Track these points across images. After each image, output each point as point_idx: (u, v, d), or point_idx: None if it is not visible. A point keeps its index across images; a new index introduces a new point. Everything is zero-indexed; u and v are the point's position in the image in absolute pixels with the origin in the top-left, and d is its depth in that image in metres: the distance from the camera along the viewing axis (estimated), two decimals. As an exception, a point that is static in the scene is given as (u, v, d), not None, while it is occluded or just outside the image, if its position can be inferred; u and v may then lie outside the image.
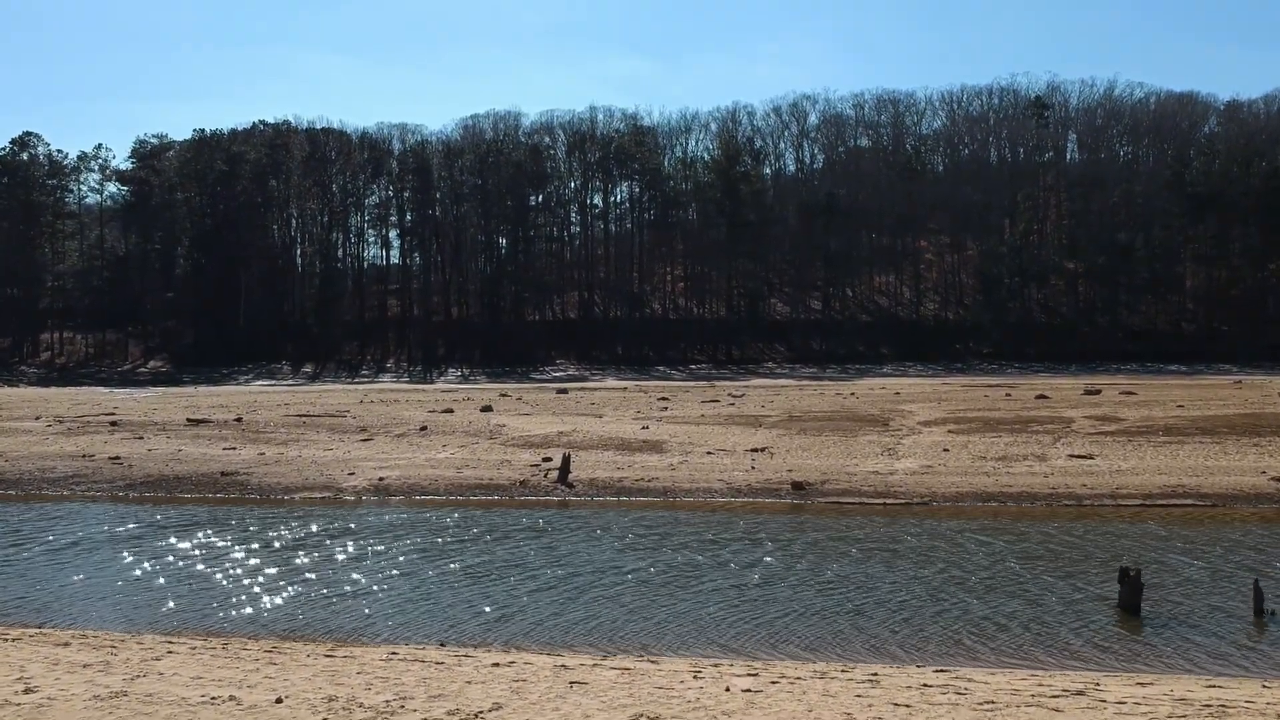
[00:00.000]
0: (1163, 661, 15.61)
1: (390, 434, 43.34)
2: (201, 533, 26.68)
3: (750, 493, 30.67)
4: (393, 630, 17.89)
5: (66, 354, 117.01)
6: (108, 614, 19.22)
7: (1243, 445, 36.09)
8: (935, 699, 12.19)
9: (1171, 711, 11.59)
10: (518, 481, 32.80)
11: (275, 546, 24.94)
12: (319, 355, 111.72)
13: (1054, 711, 11.65)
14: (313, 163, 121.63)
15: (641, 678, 13.46)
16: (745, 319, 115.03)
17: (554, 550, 24.02)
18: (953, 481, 31.04)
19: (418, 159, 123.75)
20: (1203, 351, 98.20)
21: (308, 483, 33.48)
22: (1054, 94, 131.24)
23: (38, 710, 11.86)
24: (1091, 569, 21.34)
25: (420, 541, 25.30)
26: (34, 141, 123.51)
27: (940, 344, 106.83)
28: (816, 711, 11.62)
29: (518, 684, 13.11)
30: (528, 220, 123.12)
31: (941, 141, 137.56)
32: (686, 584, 20.68)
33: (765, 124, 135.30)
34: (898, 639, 16.99)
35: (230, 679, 13.39)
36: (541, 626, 17.93)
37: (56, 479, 35.04)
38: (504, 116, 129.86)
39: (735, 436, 40.89)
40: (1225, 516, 26.82)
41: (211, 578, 21.92)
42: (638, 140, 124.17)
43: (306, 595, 20.38)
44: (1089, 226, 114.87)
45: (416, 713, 11.73)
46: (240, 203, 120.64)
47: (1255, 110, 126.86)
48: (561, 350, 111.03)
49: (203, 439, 42.66)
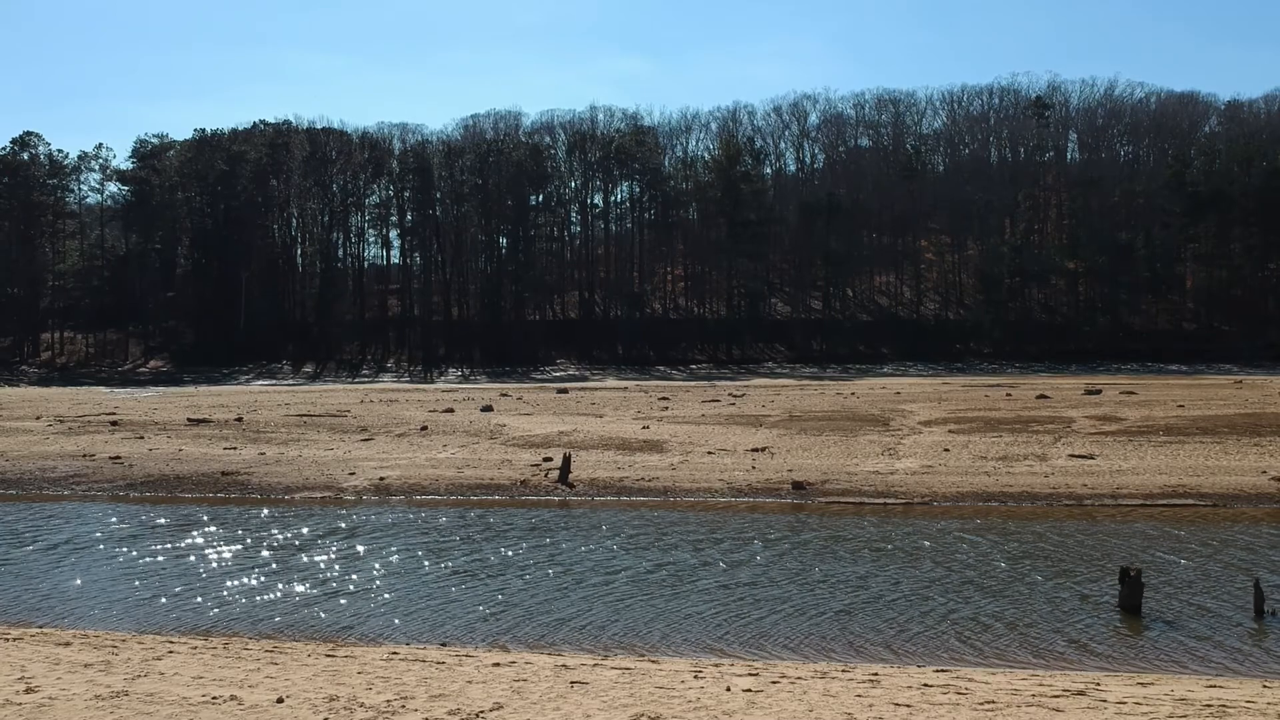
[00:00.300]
0: (1163, 661, 15.61)
1: (391, 434, 43.35)
2: (202, 533, 26.68)
3: (751, 492, 30.67)
4: (393, 630, 17.89)
5: (67, 354, 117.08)
6: (108, 614, 19.22)
7: (1243, 445, 36.09)
8: (936, 699, 12.20)
9: (1172, 711, 11.59)
10: (518, 481, 32.80)
11: (276, 546, 24.95)
12: (319, 355, 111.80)
13: (1055, 711, 11.65)
14: (313, 162, 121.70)
15: (642, 678, 13.46)
16: (745, 319, 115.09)
17: (554, 550, 24.02)
18: (953, 481, 31.04)
19: (418, 159, 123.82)
20: (1203, 351, 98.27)
21: (308, 482, 33.49)
22: (1054, 93, 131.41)
23: (39, 710, 11.86)
24: (1092, 569, 21.34)
25: (420, 541, 25.30)
26: (34, 141, 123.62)
27: (940, 344, 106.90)
28: (817, 711, 11.63)
29: (519, 684, 13.12)
30: (528, 220, 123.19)
31: (942, 141, 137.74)
32: (687, 584, 20.69)
33: (766, 124, 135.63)
34: (898, 638, 16.99)
35: (231, 679, 13.40)
36: (542, 626, 17.93)
37: (57, 479, 35.05)
38: (504, 116, 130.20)
39: (736, 436, 40.90)
40: (1226, 516, 26.81)
41: (212, 578, 21.92)
42: (638, 140, 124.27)
43: (307, 595, 20.38)
44: (1089, 226, 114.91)
45: (418, 712, 11.73)
46: (241, 202, 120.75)
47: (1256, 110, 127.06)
48: (562, 350, 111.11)
49: (203, 439, 42.67)
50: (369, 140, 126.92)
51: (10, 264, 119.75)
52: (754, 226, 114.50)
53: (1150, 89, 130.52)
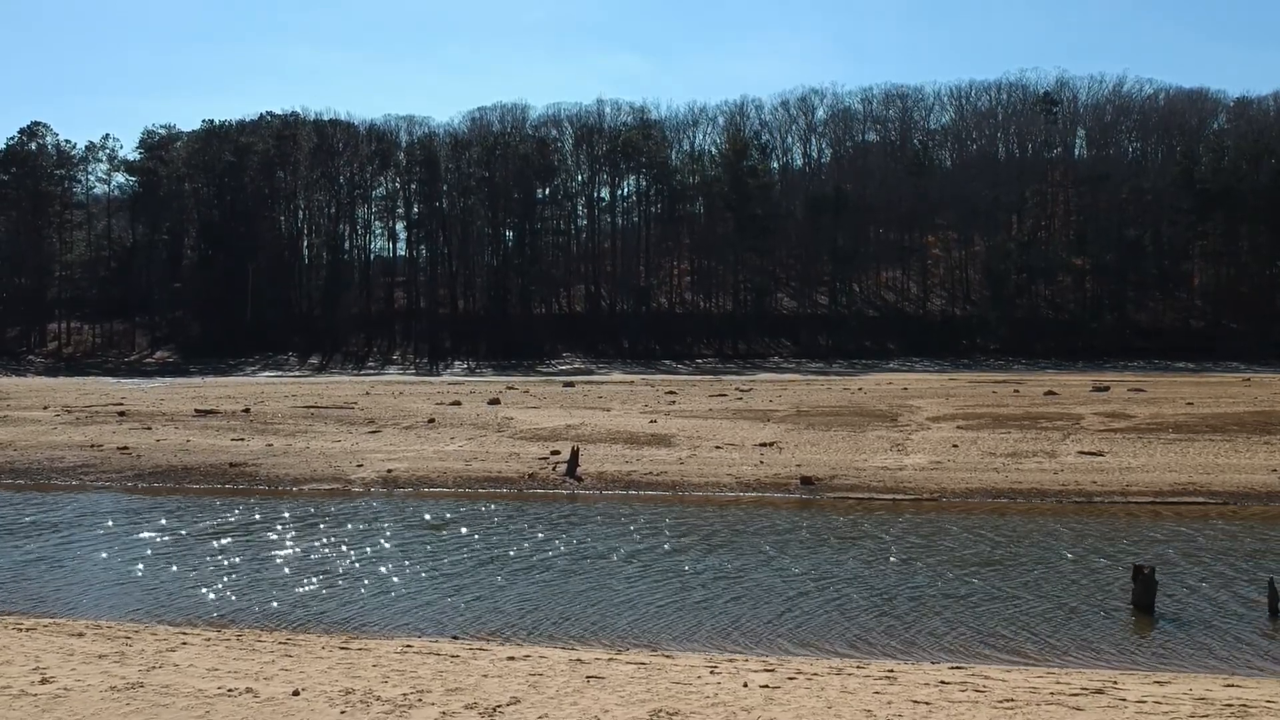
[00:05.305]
0: (1179, 660, 15.55)
1: (398, 426, 43.33)
2: (210, 524, 26.68)
3: (759, 487, 30.62)
4: (405, 623, 17.87)
5: (74, 344, 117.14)
6: (120, 604, 19.22)
7: (1253, 443, 35.99)
8: (954, 696, 12.14)
9: (1193, 711, 11.53)
10: (526, 474, 32.76)
11: (284, 538, 24.94)
12: (325, 347, 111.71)
13: (1075, 710, 11.59)
14: (320, 154, 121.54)
15: (658, 673, 13.42)
16: (752, 313, 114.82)
17: (564, 544, 23.99)
18: (962, 478, 30.97)
19: (425, 151, 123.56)
20: (1210, 349, 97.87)
21: (316, 474, 33.49)
22: (1062, 89, 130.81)
23: (54, 701, 11.84)
24: (1103, 566, 21.27)
25: (429, 534, 25.28)
26: (42, 131, 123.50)
27: (947, 340, 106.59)
28: (836, 708, 11.58)
29: (534, 678, 13.08)
30: (535, 213, 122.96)
31: (949, 137, 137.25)
32: (697, 578, 20.64)
33: (773, 118, 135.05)
34: (912, 635, 16.94)
35: (246, 671, 13.37)
36: (554, 620, 17.90)
37: (65, 469, 35.07)
38: (511, 109, 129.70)
39: (743, 431, 40.83)
40: (1237, 514, 26.73)
41: (221, 569, 21.92)
42: (645, 134, 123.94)
43: (317, 587, 20.37)
44: (1097, 223, 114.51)
45: (435, 706, 11.69)
46: (248, 194, 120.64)
47: (1265, 107, 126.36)
48: (568, 344, 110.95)
49: (211, 430, 42.68)
50: (376, 132, 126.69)
51: (18, 254, 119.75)
52: (760, 221, 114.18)
53: (1159, 85, 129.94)
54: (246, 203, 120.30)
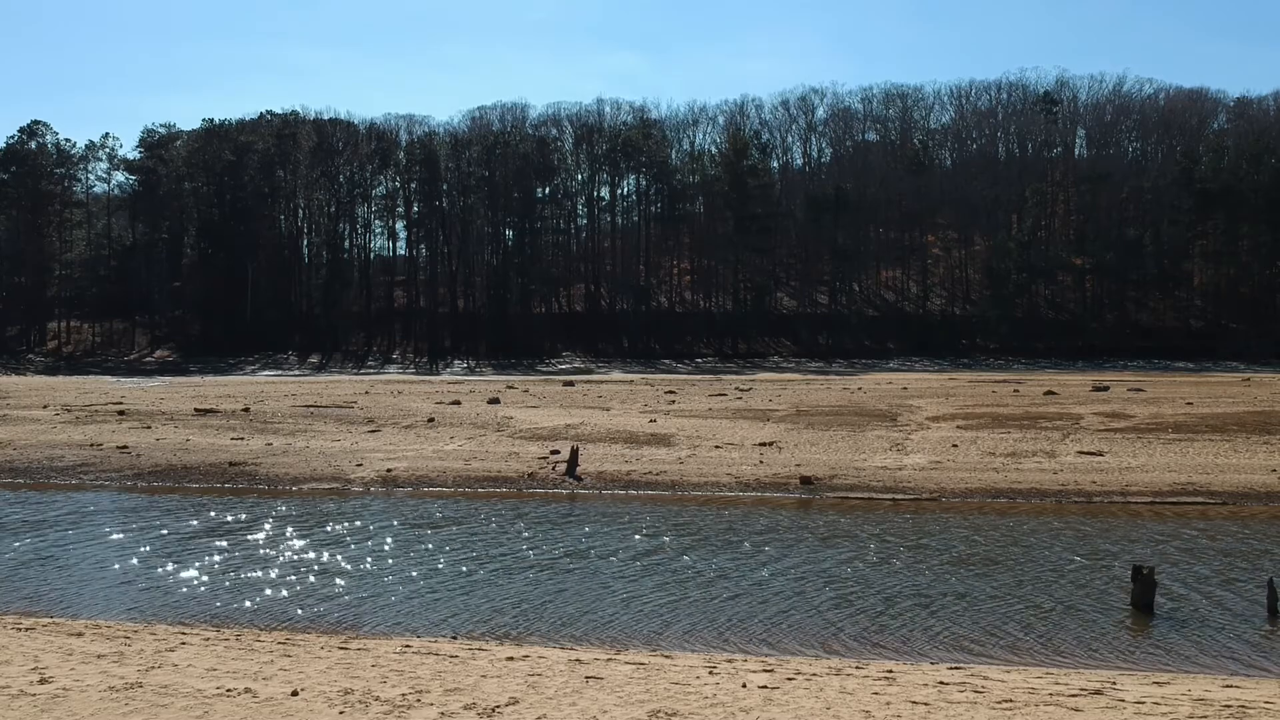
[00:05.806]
0: (1178, 660, 15.54)
1: (397, 425, 43.33)
2: (209, 523, 26.68)
3: (759, 487, 30.62)
4: (404, 622, 17.86)
5: (73, 343, 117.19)
6: (117, 603, 19.21)
7: (1253, 443, 35.98)
8: (953, 696, 12.14)
9: (1191, 712, 11.52)
10: (526, 474, 32.77)
11: (283, 537, 24.94)
12: (325, 346, 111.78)
13: (1073, 711, 11.58)
14: (320, 153, 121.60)
15: (657, 673, 13.41)
16: (751, 313, 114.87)
17: (563, 543, 23.99)
18: (962, 477, 30.97)
19: (425, 150, 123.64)
20: (1210, 348, 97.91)
21: (315, 473, 33.49)
22: (1063, 89, 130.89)
23: (53, 701, 11.83)
24: (1103, 566, 21.27)
25: (428, 534, 25.28)
26: (42, 130, 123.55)
27: (947, 339, 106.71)
28: (835, 709, 11.57)
29: (533, 678, 13.08)
30: (534, 212, 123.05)
31: (949, 136, 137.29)
32: (696, 578, 20.64)
33: (773, 117, 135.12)
34: (911, 635, 16.94)
35: (245, 671, 13.36)
36: (553, 619, 17.90)
37: (65, 468, 35.07)
38: (511, 108, 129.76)
39: (743, 430, 40.83)
40: (1237, 514, 26.72)
41: (220, 568, 21.91)
42: (645, 133, 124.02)
43: (316, 586, 20.36)
44: (1097, 222, 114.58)
45: (434, 706, 11.69)
46: (248, 193, 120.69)
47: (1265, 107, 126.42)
48: (567, 343, 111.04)
49: (210, 429, 42.68)
50: (376, 131, 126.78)
51: (18, 253, 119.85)
52: (761, 220, 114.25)
53: (1159, 85, 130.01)
54: (246, 202, 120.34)
